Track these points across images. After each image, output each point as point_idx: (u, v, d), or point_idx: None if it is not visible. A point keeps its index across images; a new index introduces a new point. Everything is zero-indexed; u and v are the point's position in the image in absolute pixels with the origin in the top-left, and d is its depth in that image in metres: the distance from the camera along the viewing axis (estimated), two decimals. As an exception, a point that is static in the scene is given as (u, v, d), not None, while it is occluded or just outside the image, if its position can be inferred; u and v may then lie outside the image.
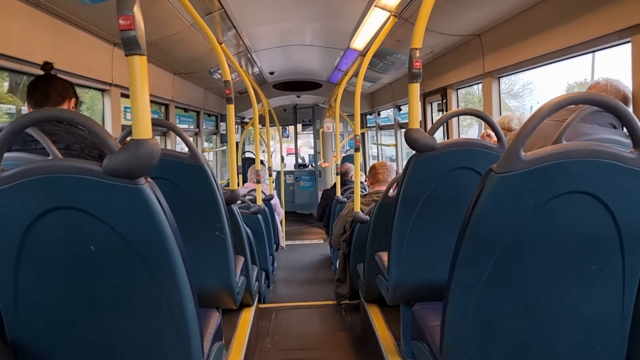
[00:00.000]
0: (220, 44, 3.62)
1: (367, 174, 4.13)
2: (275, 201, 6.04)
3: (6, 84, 2.91)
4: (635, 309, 1.31)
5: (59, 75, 2.06)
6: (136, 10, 1.11)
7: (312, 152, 11.42)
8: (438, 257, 1.95)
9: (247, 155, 9.22)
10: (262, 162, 5.64)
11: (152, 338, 1.33)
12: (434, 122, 2.06)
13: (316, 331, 3.77)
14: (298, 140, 11.30)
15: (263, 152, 8.88)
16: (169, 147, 5.10)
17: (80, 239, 1.21)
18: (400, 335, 2.52)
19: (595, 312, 1.29)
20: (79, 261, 1.24)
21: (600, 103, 1.22)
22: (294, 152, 11.90)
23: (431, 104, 4.99)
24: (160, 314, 1.28)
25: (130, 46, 1.12)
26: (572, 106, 1.64)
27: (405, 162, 6.38)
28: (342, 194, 5.03)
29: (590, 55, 2.11)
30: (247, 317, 3.19)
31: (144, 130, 1.16)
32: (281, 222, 6.67)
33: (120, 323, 1.32)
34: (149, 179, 1.21)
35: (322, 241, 8.03)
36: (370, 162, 8.51)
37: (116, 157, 1.14)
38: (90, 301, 1.29)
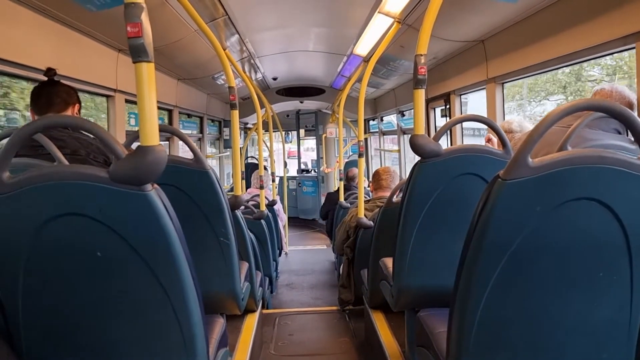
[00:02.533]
0: (224, 49, 3.63)
1: (371, 179, 4.13)
2: (278, 207, 6.04)
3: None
4: None
5: (63, 81, 2.07)
6: (144, 17, 1.12)
7: (314, 156, 11.44)
8: (443, 263, 1.94)
9: (250, 160, 9.23)
10: (265, 168, 5.65)
11: (158, 344, 1.33)
12: (438, 128, 2.06)
13: (320, 337, 3.76)
14: (300, 145, 11.33)
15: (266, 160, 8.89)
16: (172, 152, 5.11)
17: (86, 245, 1.22)
18: (404, 341, 2.51)
19: (602, 320, 1.29)
20: (85, 267, 1.24)
21: (606, 109, 1.22)
22: (296, 155, 11.94)
23: (434, 109, 4.99)
24: (166, 320, 1.28)
25: (138, 53, 1.13)
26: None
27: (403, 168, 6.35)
28: (345, 199, 5.03)
29: None
30: (251, 322, 3.18)
31: (152, 137, 1.16)
32: (284, 228, 6.67)
33: (125, 329, 1.31)
34: (156, 185, 1.21)
35: (325, 246, 8.02)
36: (373, 168, 8.51)
37: (123, 163, 1.14)
38: (96, 307, 1.28)
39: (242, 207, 4.27)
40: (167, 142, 5.09)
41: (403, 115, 6.50)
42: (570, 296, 1.26)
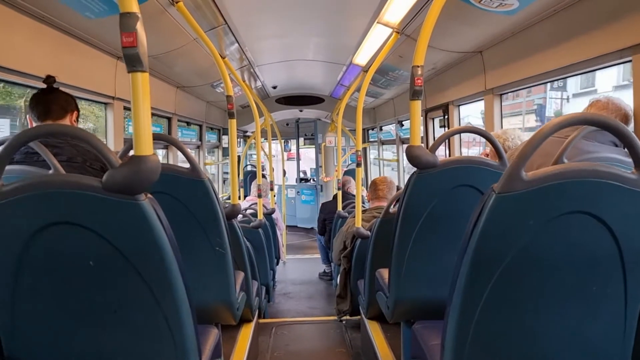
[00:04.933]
0: (223, 58, 3.65)
1: (368, 189, 4.13)
2: (276, 215, 6.03)
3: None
4: (638, 331, 1.30)
5: (61, 88, 2.07)
6: (139, 27, 1.12)
7: (313, 165, 11.45)
8: (439, 275, 1.93)
9: (249, 168, 9.23)
10: (263, 176, 5.65)
11: (150, 355, 1.32)
12: (436, 138, 2.05)
13: (316, 347, 3.73)
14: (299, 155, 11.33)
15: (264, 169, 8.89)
16: (171, 160, 5.11)
17: (78, 254, 1.21)
18: (400, 353, 2.49)
19: (596, 334, 1.28)
20: (77, 276, 1.23)
21: (600, 124, 1.22)
22: (294, 157, 11.94)
23: (433, 120, 5.00)
24: (158, 330, 1.27)
25: (132, 63, 1.13)
26: None
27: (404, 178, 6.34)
28: (343, 209, 5.02)
29: None
30: (246, 332, 3.16)
31: (145, 147, 1.16)
32: (282, 236, 6.65)
33: (117, 339, 1.30)
34: (149, 195, 1.20)
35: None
36: (372, 177, 8.51)
37: (116, 172, 1.14)
38: (88, 316, 1.28)
39: (240, 216, 4.26)
40: (165, 150, 5.09)
41: (402, 125, 6.51)
42: (564, 310, 1.25)
